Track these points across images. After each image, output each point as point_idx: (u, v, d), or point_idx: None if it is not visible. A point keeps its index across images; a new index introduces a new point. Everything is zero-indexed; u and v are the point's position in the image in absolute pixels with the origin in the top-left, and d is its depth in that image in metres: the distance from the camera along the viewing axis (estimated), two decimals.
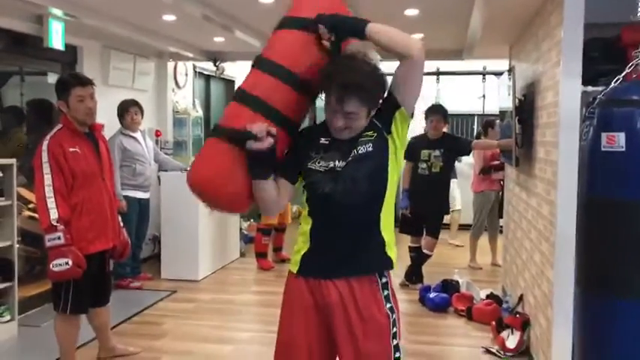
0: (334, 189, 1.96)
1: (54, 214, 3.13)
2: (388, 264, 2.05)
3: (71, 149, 3.27)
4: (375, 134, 1.99)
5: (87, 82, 3.38)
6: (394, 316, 2.04)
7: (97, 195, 3.37)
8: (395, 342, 2.02)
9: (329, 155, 2.00)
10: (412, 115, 2.05)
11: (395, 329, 2.03)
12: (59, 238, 3.12)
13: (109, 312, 3.72)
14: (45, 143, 3.25)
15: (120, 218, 3.68)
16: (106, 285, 3.63)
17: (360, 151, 1.97)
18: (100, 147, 3.46)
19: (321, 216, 2.03)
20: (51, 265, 3.12)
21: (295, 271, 2.08)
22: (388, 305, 2.03)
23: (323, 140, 2.02)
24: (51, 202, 3.14)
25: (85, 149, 3.34)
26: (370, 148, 1.98)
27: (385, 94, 2.00)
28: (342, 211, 1.98)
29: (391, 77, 2.00)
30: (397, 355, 2.03)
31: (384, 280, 2.04)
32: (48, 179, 3.17)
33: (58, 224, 3.13)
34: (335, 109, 1.93)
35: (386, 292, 2.04)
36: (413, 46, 1.94)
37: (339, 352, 2.04)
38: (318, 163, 2.00)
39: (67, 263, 3.11)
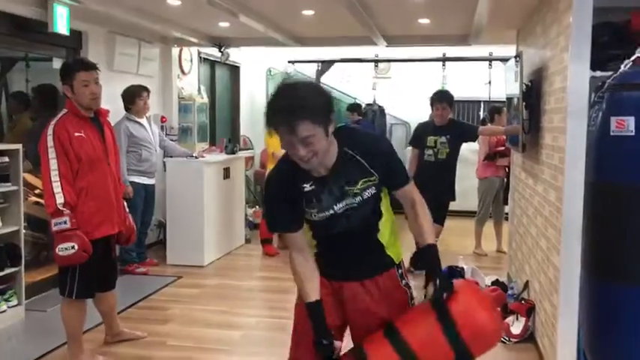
0: (337, 231, 2.05)
1: (60, 199, 3.14)
2: (389, 262, 2.15)
3: (76, 134, 3.27)
4: (374, 178, 2.01)
5: (91, 67, 3.37)
6: (410, 291, 2.18)
7: (103, 180, 3.37)
8: None
9: (323, 204, 2.00)
10: None
11: (412, 302, 2.19)
12: (65, 222, 3.13)
13: (115, 297, 3.74)
14: (50, 128, 3.25)
15: (125, 204, 3.69)
16: (112, 270, 3.65)
17: (364, 196, 2.00)
18: (105, 132, 3.46)
19: (324, 241, 2.13)
20: (57, 250, 3.15)
21: None
22: (404, 282, 2.17)
23: (307, 187, 1.99)
24: (57, 187, 3.15)
25: (90, 134, 3.34)
26: (374, 191, 2.02)
27: (381, 156, 2.03)
28: (343, 239, 2.08)
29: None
30: None
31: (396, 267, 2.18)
32: (54, 164, 3.18)
33: (64, 209, 3.15)
34: (291, 141, 1.85)
35: (400, 271, 2.18)
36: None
37: (351, 327, 2.18)
38: (316, 215, 2.02)
39: (72, 247, 3.13)
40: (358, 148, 2.00)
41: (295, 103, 1.83)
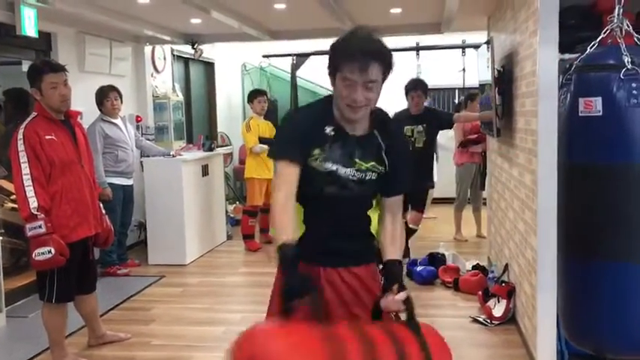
0: (330, 192, 1.98)
1: (33, 203, 3.10)
2: (372, 256, 2.10)
3: (47, 137, 3.22)
4: (382, 168, 2.01)
5: (59, 69, 3.32)
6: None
7: (77, 182, 3.33)
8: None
9: (331, 156, 1.96)
10: None
11: None
12: (40, 226, 3.10)
13: (95, 299, 3.71)
14: (20, 132, 3.20)
15: (102, 205, 3.66)
16: (91, 272, 3.62)
17: (366, 177, 1.99)
18: (76, 134, 3.41)
19: (315, 210, 2.03)
20: (33, 255, 3.11)
21: None
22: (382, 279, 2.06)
23: (328, 130, 1.97)
24: (30, 191, 3.10)
25: (61, 137, 3.30)
26: (374, 177, 2.00)
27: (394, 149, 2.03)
28: (337, 211, 2.01)
29: None
30: None
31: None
32: (25, 168, 3.13)
33: (39, 213, 3.11)
34: (356, 81, 1.87)
35: (379, 266, 2.07)
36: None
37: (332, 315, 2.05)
38: (319, 162, 1.96)
39: (49, 252, 3.09)
40: (387, 134, 2.03)
41: (375, 46, 1.90)
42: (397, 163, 2.04)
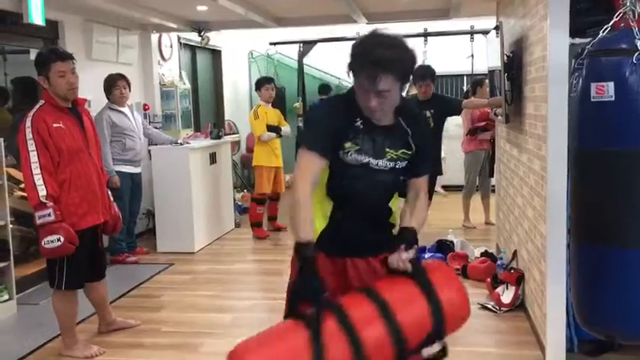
0: (362, 185, 2.02)
1: (42, 191, 3.11)
2: (392, 245, 2.03)
3: (55, 125, 3.23)
4: (410, 152, 2.05)
5: (67, 57, 3.31)
6: None
7: (85, 170, 3.34)
8: None
9: (363, 148, 1.99)
10: None
11: None
12: (49, 215, 3.11)
13: (105, 286, 3.74)
14: (28, 120, 3.21)
15: (110, 193, 3.67)
16: (101, 260, 3.64)
17: (397, 165, 2.03)
18: (84, 122, 3.41)
19: (344, 204, 2.07)
20: (43, 242, 3.13)
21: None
22: None
23: (358, 123, 1.99)
24: (38, 179, 3.12)
25: (69, 124, 3.30)
26: (404, 165, 2.05)
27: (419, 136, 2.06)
28: (365, 204, 2.06)
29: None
30: None
31: None
32: (34, 156, 3.14)
33: (47, 201, 3.12)
34: (367, 89, 1.88)
35: None
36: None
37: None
38: (351, 155, 1.99)
39: (58, 240, 3.11)
40: (411, 120, 2.06)
41: (387, 56, 1.84)
42: (423, 146, 2.08)
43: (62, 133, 3.25)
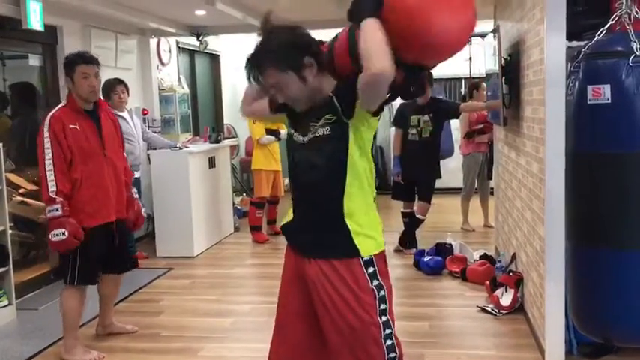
0: (298, 164, 1.99)
1: (52, 187, 3.28)
2: (353, 252, 1.92)
3: (71, 126, 3.39)
4: (335, 117, 1.88)
5: (91, 61, 3.50)
6: (382, 292, 1.95)
7: (98, 171, 3.46)
8: (384, 318, 1.95)
9: (299, 129, 2.00)
10: (376, 114, 1.88)
11: (384, 305, 1.95)
12: (57, 209, 3.26)
13: (116, 285, 3.82)
14: (47, 119, 3.39)
15: (135, 190, 3.82)
16: (116, 256, 3.67)
17: (317, 134, 1.91)
18: (102, 124, 3.53)
19: (293, 187, 2.07)
20: (50, 236, 3.27)
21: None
22: (375, 282, 1.93)
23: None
24: (50, 176, 3.29)
25: (85, 127, 3.44)
26: (328, 132, 1.88)
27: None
28: (304, 190, 2.00)
29: None
30: (388, 331, 1.95)
31: (366, 257, 1.93)
32: (48, 153, 3.31)
33: (57, 196, 3.27)
34: (264, 88, 1.94)
35: (371, 270, 1.94)
36: (374, 64, 1.66)
37: (321, 323, 2.00)
38: (295, 133, 2.01)
39: (63, 233, 3.25)
40: (338, 88, 1.92)
41: (254, 55, 1.87)
42: (344, 86, 1.87)
43: (77, 135, 3.39)
